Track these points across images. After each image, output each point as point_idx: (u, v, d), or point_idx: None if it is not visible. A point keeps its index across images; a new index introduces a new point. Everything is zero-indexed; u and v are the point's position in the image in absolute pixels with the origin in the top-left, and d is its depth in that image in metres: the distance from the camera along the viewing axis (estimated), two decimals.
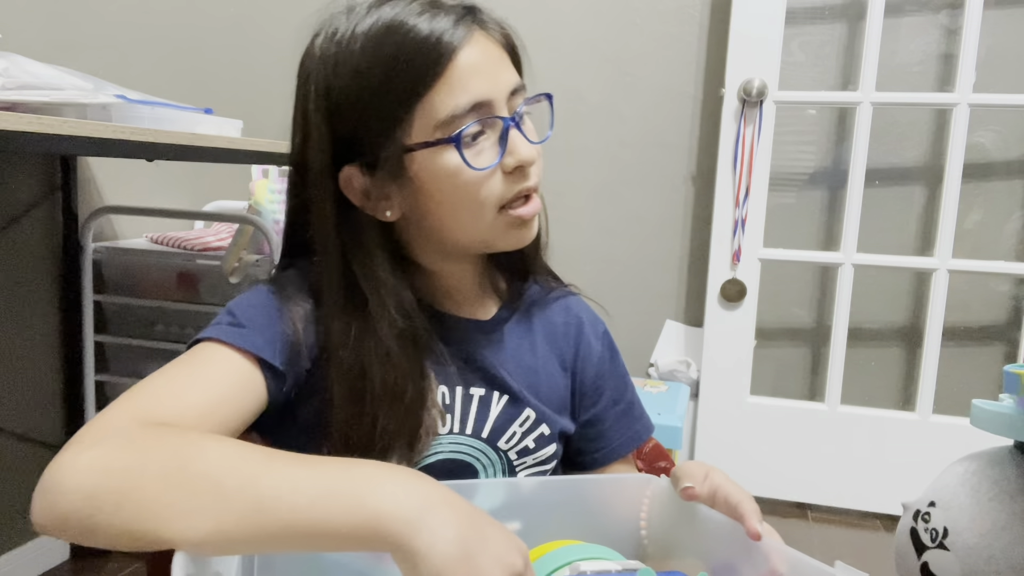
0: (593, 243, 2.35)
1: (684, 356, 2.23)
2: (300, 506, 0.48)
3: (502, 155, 0.68)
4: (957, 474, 0.59)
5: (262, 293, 0.71)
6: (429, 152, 0.67)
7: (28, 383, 1.60)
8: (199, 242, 1.73)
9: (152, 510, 0.48)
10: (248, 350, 0.65)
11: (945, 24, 2.10)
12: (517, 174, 0.69)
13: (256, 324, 0.67)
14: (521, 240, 0.73)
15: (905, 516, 0.61)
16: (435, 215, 0.71)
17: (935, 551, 0.57)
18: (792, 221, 2.23)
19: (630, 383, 0.87)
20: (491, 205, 0.69)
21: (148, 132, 1.16)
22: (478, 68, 0.67)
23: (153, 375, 0.61)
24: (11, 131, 0.92)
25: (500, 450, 0.77)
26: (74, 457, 0.51)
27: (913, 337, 2.21)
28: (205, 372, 0.63)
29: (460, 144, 0.66)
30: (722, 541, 0.57)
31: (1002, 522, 0.54)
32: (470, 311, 0.79)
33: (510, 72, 0.71)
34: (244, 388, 0.64)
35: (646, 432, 0.86)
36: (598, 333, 0.86)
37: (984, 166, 2.11)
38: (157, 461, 0.50)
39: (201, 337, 0.66)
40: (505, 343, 0.79)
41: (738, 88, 2.03)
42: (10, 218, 1.52)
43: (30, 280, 1.58)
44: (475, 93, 0.66)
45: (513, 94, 0.70)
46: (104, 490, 0.49)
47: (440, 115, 0.66)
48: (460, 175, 0.67)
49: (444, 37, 0.66)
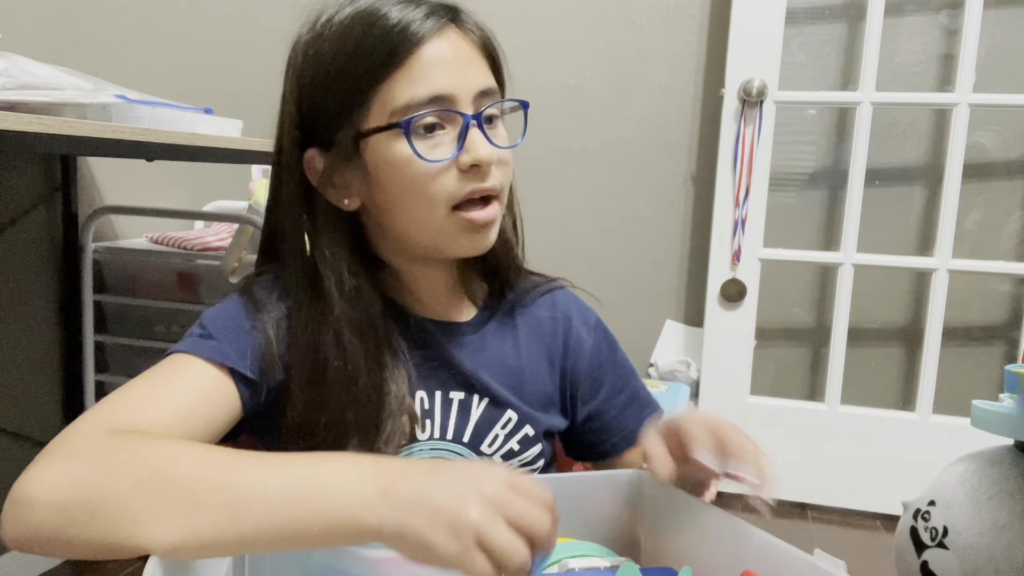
0: (593, 243, 2.35)
1: (684, 356, 2.23)
2: (273, 508, 0.48)
3: (458, 152, 0.67)
4: (957, 473, 0.59)
5: (234, 304, 0.71)
6: (383, 138, 0.67)
7: (28, 383, 1.60)
8: (199, 242, 1.73)
9: (125, 518, 0.48)
10: (219, 362, 0.65)
11: (945, 24, 2.10)
12: (473, 173, 0.67)
13: (227, 335, 0.67)
14: (473, 246, 0.71)
15: (905, 515, 0.61)
16: (390, 210, 0.70)
17: (935, 550, 0.57)
18: (792, 221, 2.23)
19: (633, 371, 0.86)
20: (441, 202, 0.67)
21: (148, 132, 1.16)
22: (443, 62, 0.67)
23: (123, 387, 0.62)
24: (11, 131, 0.92)
25: (483, 454, 0.76)
26: (43, 471, 0.51)
27: (913, 337, 2.21)
28: (175, 383, 0.63)
29: (410, 131, 0.66)
30: (713, 537, 0.58)
31: (1002, 521, 0.54)
32: (446, 314, 0.78)
33: (481, 73, 0.70)
34: (214, 398, 0.64)
35: (656, 417, 0.83)
36: (589, 324, 0.84)
37: (984, 166, 2.11)
38: (127, 469, 0.50)
39: (173, 350, 0.66)
40: (485, 345, 0.78)
41: (738, 88, 2.03)
42: (10, 218, 1.52)
43: (30, 280, 1.58)
44: (436, 86, 0.66)
45: (483, 95, 0.69)
46: (76, 502, 0.49)
47: (397, 103, 0.66)
48: (411, 165, 0.66)
49: (411, 27, 0.66)
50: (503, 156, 0.70)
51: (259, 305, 0.71)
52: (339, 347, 0.68)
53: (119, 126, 1.11)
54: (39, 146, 0.99)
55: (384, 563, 0.51)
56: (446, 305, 0.79)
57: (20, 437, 1.59)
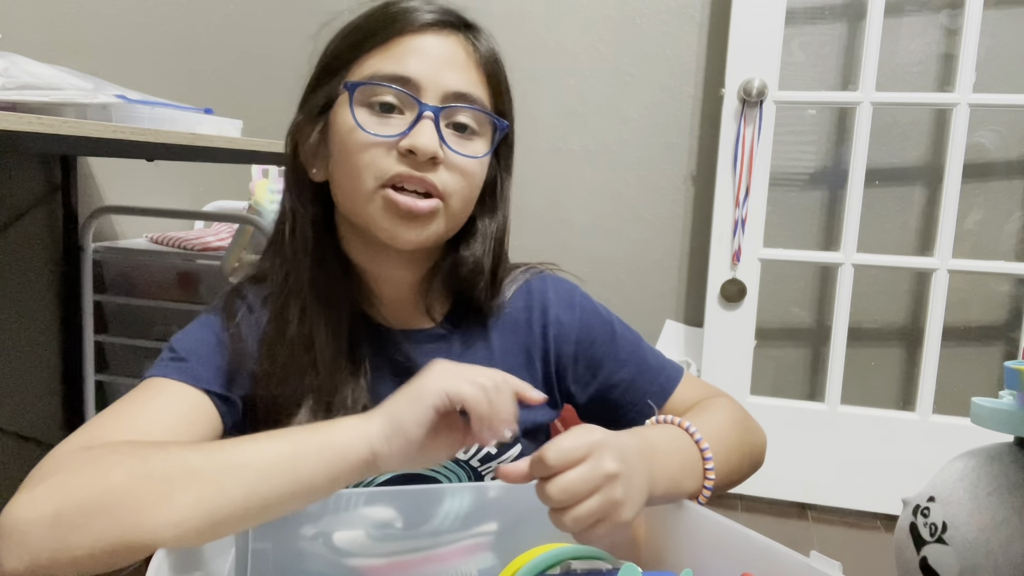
0: (593, 243, 2.35)
1: (684, 356, 2.23)
2: (271, 466, 0.50)
3: (404, 133, 0.66)
4: (956, 469, 0.59)
5: (204, 324, 0.71)
6: (339, 103, 0.69)
7: (28, 383, 1.60)
8: (199, 242, 1.73)
9: (126, 505, 0.47)
10: (191, 384, 0.65)
11: (945, 24, 2.10)
12: (410, 160, 0.66)
13: (198, 355, 0.67)
14: (397, 234, 0.68)
15: (905, 511, 0.62)
16: (335, 182, 0.71)
17: (934, 545, 0.57)
18: (792, 221, 2.24)
19: (637, 341, 0.82)
20: (370, 176, 0.67)
21: (148, 132, 1.16)
22: (424, 53, 0.68)
23: (100, 413, 0.61)
24: (11, 131, 0.92)
25: (459, 460, 0.74)
26: (27, 495, 0.49)
27: (913, 337, 2.21)
28: (152, 405, 0.63)
29: (353, 96, 0.67)
30: (712, 541, 0.58)
31: (1001, 517, 0.54)
32: (413, 322, 0.77)
33: (463, 79, 0.69)
34: (193, 418, 0.64)
35: (672, 381, 0.80)
36: (571, 306, 0.80)
37: (984, 166, 2.11)
38: (117, 466, 0.50)
39: (146, 376, 0.66)
40: (452, 350, 0.76)
41: (738, 88, 2.03)
42: (10, 218, 1.52)
43: (30, 280, 1.58)
44: (405, 68, 0.67)
45: (455, 97, 0.68)
46: (69, 508, 0.47)
47: (363, 73, 0.68)
48: (352, 133, 0.67)
49: (409, 15, 0.68)
50: (457, 162, 0.68)
51: (231, 318, 0.71)
52: (303, 315, 0.70)
53: (119, 126, 1.11)
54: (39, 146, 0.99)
55: (372, 571, 0.52)
56: (413, 311, 0.77)
57: (20, 437, 1.59)
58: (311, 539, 0.57)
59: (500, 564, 0.61)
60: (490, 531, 0.61)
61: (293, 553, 0.57)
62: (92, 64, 1.61)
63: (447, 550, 0.60)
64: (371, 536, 0.58)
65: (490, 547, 0.62)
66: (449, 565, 0.60)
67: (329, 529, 0.58)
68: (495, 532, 0.61)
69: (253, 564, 0.56)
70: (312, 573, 0.56)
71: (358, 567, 0.55)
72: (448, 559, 0.60)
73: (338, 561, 0.57)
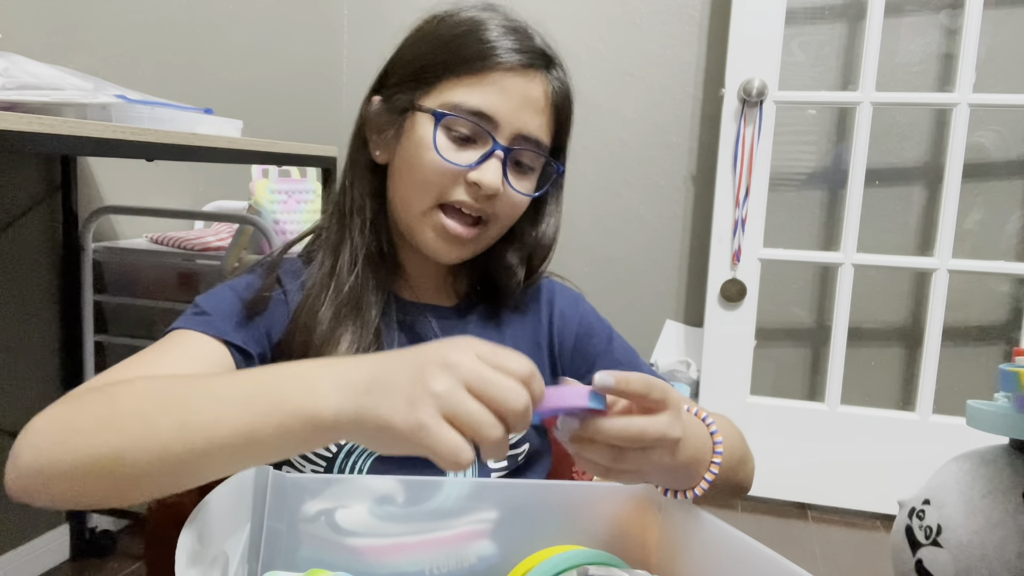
0: (593, 243, 2.35)
1: (684, 356, 2.23)
2: (225, 414, 0.47)
3: (471, 166, 0.72)
4: (951, 472, 0.59)
5: (230, 285, 0.76)
6: (424, 118, 0.73)
7: (28, 382, 1.60)
8: (199, 242, 1.73)
9: (92, 445, 0.49)
10: (212, 334, 0.68)
11: (945, 24, 2.10)
12: (472, 190, 0.73)
13: (220, 311, 0.71)
14: (438, 251, 0.75)
15: (900, 513, 0.62)
16: (398, 178, 0.76)
17: (929, 548, 0.57)
18: (792, 221, 2.24)
19: (634, 351, 0.86)
20: (429, 193, 0.73)
21: (148, 132, 1.16)
22: (509, 93, 0.73)
23: (123, 361, 0.65)
24: (11, 131, 0.92)
25: None
26: (30, 422, 0.54)
27: (913, 337, 2.21)
28: (173, 352, 0.67)
29: (439, 122, 0.72)
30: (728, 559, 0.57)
31: (995, 519, 0.54)
32: (431, 299, 0.82)
33: (536, 123, 0.74)
34: (210, 366, 0.67)
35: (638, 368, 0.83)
36: (575, 304, 0.87)
37: (984, 166, 2.11)
38: (92, 406, 0.52)
39: (170, 328, 0.70)
40: (467, 328, 0.81)
41: (738, 88, 2.03)
42: (10, 218, 1.53)
43: (30, 280, 1.59)
44: (488, 105, 0.72)
45: (523, 139, 0.74)
46: (50, 427, 0.52)
47: (450, 99, 0.73)
48: (428, 151, 0.72)
49: (502, 51, 0.73)
50: (512, 198, 0.75)
51: (259, 280, 0.76)
52: (352, 265, 0.75)
53: (119, 126, 1.11)
54: (39, 146, 0.99)
55: (370, 551, 0.51)
56: (434, 290, 0.83)
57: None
58: (313, 519, 0.57)
59: (499, 553, 0.60)
60: (490, 519, 0.61)
61: (303, 534, 0.57)
62: (92, 64, 1.61)
63: (448, 534, 0.60)
64: (374, 515, 0.58)
65: (489, 535, 0.61)
66: (450, 548, 0.60)
67: (331, 507, 0.58)
68: (495, 520, 0.61)
69: (267, 541, 0.56)
70: (309, 558, 0.56)
71: (358, 547, 0.55)
72: (448, 543, 0.60)
73: (339, 541, 0.57)
